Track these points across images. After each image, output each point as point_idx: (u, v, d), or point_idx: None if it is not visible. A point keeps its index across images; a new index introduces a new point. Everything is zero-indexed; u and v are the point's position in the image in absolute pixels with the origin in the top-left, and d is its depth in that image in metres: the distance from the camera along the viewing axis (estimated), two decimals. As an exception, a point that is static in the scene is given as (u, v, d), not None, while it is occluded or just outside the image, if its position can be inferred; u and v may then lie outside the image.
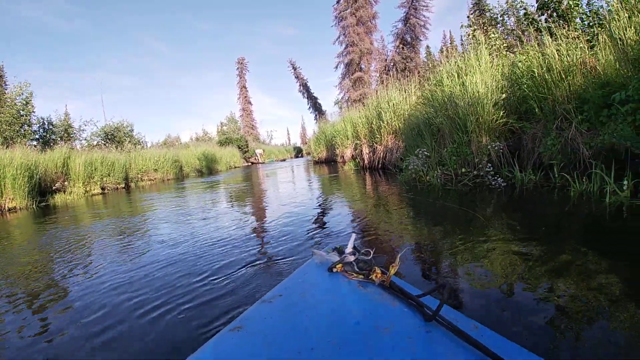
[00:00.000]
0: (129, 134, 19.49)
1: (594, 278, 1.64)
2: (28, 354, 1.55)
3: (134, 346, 1.52)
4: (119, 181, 12.86)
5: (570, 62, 4.23)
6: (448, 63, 6.00)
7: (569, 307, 1.44)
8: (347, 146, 12.78)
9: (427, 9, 23.78)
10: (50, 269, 2.88)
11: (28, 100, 15.24)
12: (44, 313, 1.97)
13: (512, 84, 5.07)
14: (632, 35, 3.65)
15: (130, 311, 1.87)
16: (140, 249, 3.26)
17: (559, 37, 4.55)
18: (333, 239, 2.94)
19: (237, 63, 46.31)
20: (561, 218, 2.95)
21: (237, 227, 3.80)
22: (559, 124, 4.11)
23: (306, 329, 0.80)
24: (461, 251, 2.23)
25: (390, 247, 2.52)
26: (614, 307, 1.39)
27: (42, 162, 10.04)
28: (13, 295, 2.30)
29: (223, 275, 2.27)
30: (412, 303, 0.88)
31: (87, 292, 2.22)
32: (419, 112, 6.65)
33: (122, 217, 5.40)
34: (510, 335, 0.91)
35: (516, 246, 2.20)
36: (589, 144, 3.80)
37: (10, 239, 4.54)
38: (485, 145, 4.82)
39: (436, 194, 4.59)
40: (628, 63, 3.60)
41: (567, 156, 3.99)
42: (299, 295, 0.97)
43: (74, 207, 7.94)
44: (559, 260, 1.90)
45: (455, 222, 3.13)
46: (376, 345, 0.74)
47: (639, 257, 1.88)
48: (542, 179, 4.24)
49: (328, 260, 1.12)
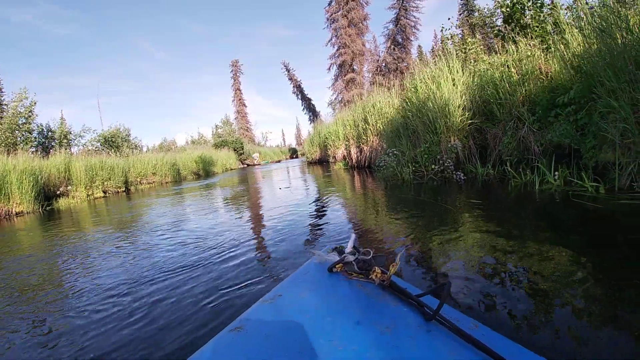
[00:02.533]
0: (126, 138, 19.98)
1: (544, 257, 1.95)
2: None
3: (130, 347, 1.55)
4: (120, 185, 13.28)
5: (526, 71, 4.75)
6: (421, 71, 6.52)
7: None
8: (339, 147, 13.30)
9: (417, 9, 24.18)
10: (65, 267, 3.23)
11: (31, 109, 15.69)
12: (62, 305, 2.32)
13: (480, 89, 5.60)
14: (576, 46, 4.17)
15: (128, 312, 1.91)
16: (142, 250, 3.34)
17: (519, 47, 5.09)
18: (324, 232, 3.20)
19: (231, 65, 46.74)
20: (509, 204, 3.50)
21: (235, 226, 4.09)
22: (515, 125, 4.64)
23: (306, 329, 0.80)
24: (442, 242, 2.48)
25: (390, 246, 2.56)
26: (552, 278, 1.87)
27: (45, 167, 10.47)
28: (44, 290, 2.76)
29: (222, 273, 2.34)
30: (412, 303, 0.90)
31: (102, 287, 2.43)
32: (399, 115, 7.18)
33: (124, 221, 5.80)
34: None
35: (478, 233, 2.69)
36: (540, 142, 4.33)
37: (24, 241, 5.00)
38: (454, 145, 5.35)
39: (409, 188, 5.12)
40: (570, 70, 4.13)
41: (521, 152, 4.52)
42: (298, 295, 0.97)
43: (78, 210, 8.36)
44: (509, 243, 2.33)
45: (431, 214, 3.54)
46: (377, 345, 0.75)
47: (554, 226, 2.39)
48: (500, 173, 4.77)
49: (328, 260, 1.13)
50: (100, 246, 3.74)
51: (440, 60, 6.11)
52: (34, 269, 3.08)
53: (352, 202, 4.83)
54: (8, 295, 2.45)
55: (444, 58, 6.09)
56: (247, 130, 46.60)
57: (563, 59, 4.19)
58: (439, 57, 6.29)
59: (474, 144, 5.50)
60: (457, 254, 2.18)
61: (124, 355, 1.48)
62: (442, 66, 5.96)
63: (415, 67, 7.13)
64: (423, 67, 6.71)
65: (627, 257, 1.84)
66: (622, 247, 2.00)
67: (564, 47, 4.29)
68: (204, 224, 4.41)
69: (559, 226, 2.53)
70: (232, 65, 46.72)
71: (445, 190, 4.68)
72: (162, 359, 1.41)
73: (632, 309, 1.38)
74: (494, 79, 5.12)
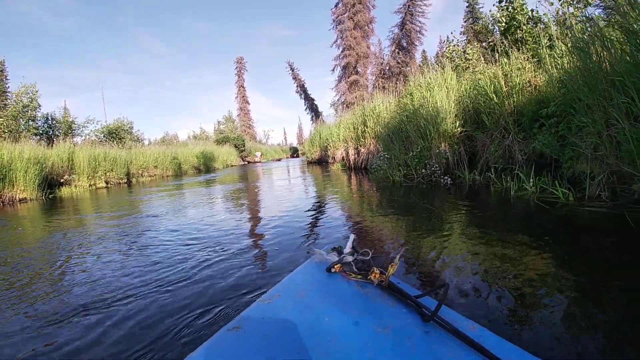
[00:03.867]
0: (129, 131, 20.24)
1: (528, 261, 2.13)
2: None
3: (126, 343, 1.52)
4: (121, 176, 13.54)
5: (514, 84, 4.95)
6: (417, 78, 6.75)
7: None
8: (339, 148, 13.52)
9: (423, 15, 24.37)
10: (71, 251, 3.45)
11: (34, 97, 15.92)
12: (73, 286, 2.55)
13: (474, 98, 5.81)
14: (562, 61, 4.37)
15: (127, 310, 1.85)
16: (137, 244, 3.29)
17: (511, 60, 5.29)
18: (319, 228, 3.37)
19: (235, 62, 47.05)
20: (487, 207, 3.73)
21: (228, 218, 4.29)
22: (502, 134, 4.85)
23: (304, 330, 0.80)
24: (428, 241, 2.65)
25: (389, 247, 2.60)
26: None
27: (50, 156, 10.72)
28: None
29: (221, 271, 2.32)
30: (411, 303, 0.90)
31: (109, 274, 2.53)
32: (394, 120, 7.40)
33: (125, 211, 5.98)
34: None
35: (459, 235, 2.91)
36: (524, 151, 4.54)
37: (30, 224, 5.23)
38: (443, 151, 5.56)
39: (398, 190, 5.34)
40: (554, 84, 4.33)
41: (506, 160, 4.73)
42: (297, 295, 0.97)
43: (80, 199, 8.62)
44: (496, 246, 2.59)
45: (416, 214, 3.75)
46: (375, 345, 0.75)
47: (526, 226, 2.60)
48: (486, 179, 4.98)
49: (327, 260, 1.13)
50: (97, 232, 3.96)
51: (434, 70, 6.33)
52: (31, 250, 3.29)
53: (343, 200, 5.06)
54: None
55: (440, 67, 6.31)
56: (249, 127, 46.88)
57: (549, 73, 4.39)
58: (432, 67, 6.51)
59: (465, 150, 5.72)
60: (443, 254, 2.28)
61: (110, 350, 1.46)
62: (435, 75, 6.18)
63: (414, 73, 7.34)
64: (420, 74, 6.93)
65: (583, 254, 2.11)
66: (579, 245, 2.28)
67: (552, 61, 4.50)
68: (201, 215, 4.60)
69: (528, 228, 2.76)
70: (236, 62, 47.01)
71: (433, 193, 4.90)
72: (161, 358, 1.40)
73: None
74: (485, 89, 5.33)
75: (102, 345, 1.51)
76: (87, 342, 1.55)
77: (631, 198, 2.98)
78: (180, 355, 1.35)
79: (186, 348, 1.40)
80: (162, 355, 1.39)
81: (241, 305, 1.75)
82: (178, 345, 1.45)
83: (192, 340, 1.46)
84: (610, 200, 3.07)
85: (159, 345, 1.46)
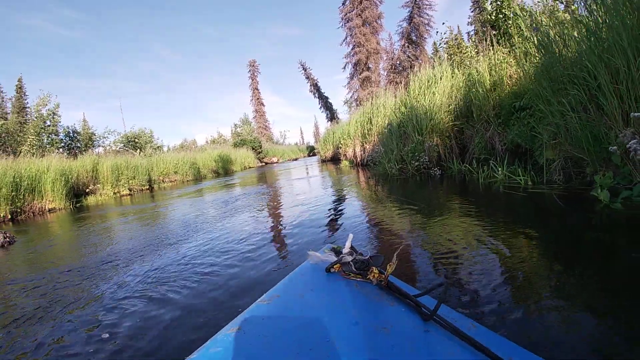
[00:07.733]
0: (149, 139, 21.23)
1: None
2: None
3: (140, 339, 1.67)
4: (144, 183, 14.30)
5: (498, 77, 5.27)
6: (415, 75, 7.13)
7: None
8: (349, 145, 13.94)
9: (430, 7, 24.27)
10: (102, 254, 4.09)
11: (55, 111, 16.97)
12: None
13: (465, 93, 6.14)
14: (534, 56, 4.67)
15: (145, 303, 2.12)
16: (159, 246, 3.62)
17: (496, 54, 5.60)
18: (318, 224, 3.70)
19: (248, 65, 47.93)
20: (456, 193, 4.14)
21: (248, 220, 4.52)
22: (484, 127, 5.19)
23: (304, 330, 0.80)
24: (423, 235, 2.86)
25: (387, 245, 2.69)
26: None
27: (75, 168, 11.59)
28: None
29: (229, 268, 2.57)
30: (410, 303, 0.91)
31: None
32: (394, 116, 7.80)
33: (147, 218, 6.31)
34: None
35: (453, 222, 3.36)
36: (503, 142, 4.88)
37: (65, 230, 5.93)
38: (434, 144, 5.94)
39: (392, 182, 5.80)
40: (528, 78, 4.64)
41: (488, 151, 5.08)
42: (296, 295, 0.97)
43: (107, 206, 9.40)
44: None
45: (410, 210, 4.25)
46: (375, 345, 0.75)
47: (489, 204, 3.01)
48: (469, 170, 5.34)
49: (325, 260, 1.14)
50: (121, 236, 4.57)
51: (430, 65, 6.69)
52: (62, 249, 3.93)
53: (340, 193, 5.53)
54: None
55: (435, 63, 6.68)
56: (266, 128, 47.71)
57: (523, 67, 4.71)
58: (438, 60, 6.86)
59: (456, 143, 6.07)
60: (419, 244, 2.51)
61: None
62: (429, 71, 6.55)
63: (420, 68, 7.68)
64: (423, 68, 7.30)
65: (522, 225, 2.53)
66: (524, 221, 2.75)
67: (525, 55, 4.80)
68: (221, 216, 4.99)
69: (492, 210, 3.22)
70: (249, 65, 47.91)
71: (423, 184, 5.36)
72: (160, 358, 1.45)
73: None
74: (474, 83, 5.67)
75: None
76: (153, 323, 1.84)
77: (584, 180, 3.33)
78: (180, 357, 1.40)
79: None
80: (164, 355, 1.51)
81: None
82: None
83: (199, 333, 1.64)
84: (564, 183, 3.43)
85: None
